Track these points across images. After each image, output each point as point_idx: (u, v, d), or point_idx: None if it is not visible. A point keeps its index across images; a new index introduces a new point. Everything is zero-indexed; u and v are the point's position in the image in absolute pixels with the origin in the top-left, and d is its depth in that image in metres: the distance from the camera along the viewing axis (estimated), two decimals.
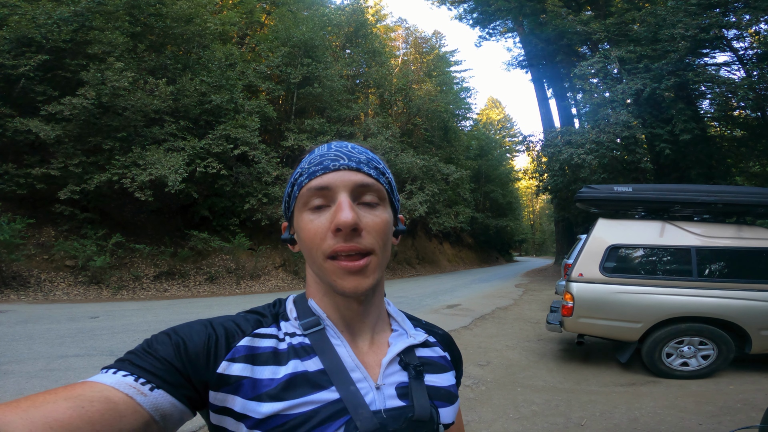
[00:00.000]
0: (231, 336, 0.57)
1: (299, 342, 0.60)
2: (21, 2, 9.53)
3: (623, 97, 12.53)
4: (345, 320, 0.64)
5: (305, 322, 0.62)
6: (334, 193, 0.59)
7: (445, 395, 0.66)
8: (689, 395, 3.96)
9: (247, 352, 0.57)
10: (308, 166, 0.62)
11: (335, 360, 0.59)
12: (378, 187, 0.62)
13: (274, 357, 0.58)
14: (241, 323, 0.60)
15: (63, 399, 0.43)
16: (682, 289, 4.40)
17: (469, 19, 24.77)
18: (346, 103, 18.02)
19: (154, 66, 11.87)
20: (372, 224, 0.59)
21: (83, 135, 9.93)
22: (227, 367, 0.54)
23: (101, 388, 0.46)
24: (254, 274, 12.78)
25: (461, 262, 29.64)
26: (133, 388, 0.47)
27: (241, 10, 16.97)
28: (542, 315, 8.38)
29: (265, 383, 0.55)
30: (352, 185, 0.59)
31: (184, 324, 0.57)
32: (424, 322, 0.77)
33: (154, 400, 0.48)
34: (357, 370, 0.60)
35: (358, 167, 0.60)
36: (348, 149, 0.63)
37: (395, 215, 0.68)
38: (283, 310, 0.65)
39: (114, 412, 0.44)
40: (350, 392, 0.56)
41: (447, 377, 0.69)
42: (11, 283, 8.54)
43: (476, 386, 4.26)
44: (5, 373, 3.92)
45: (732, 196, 4.57)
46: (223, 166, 11.81)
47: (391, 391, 0.60)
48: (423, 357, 0.68)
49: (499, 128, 49.74)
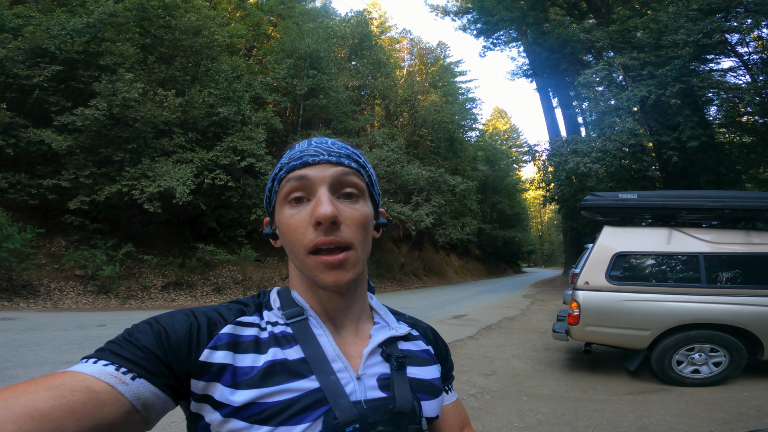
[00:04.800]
0: (213, 324, 0.57)
1: (281, 331, 0.60)
2: (36, 13, 9.80)
3: (629, 104, 12.48)
4: (328, 312, 0.64)
5: (288, 312, 0.62)
6: (314, 186, 0.59)
7: (428, 388, 0.65)
8: (701, 403, 3.87)
9: (229, 339, 0.57)
10: (288, 161, 0.62)
11: (317, 349, 0.59)
12: (357, 179, 0.62)
13: (255, 345, 0.58)
14: (224, 312, 0.60)
15: (44, 389, 0.43)
16: (691, 296, 4.33)
17: (473, 30, 24.93)
18: (351, 115, 18.17)
19: (164, 78, 12.10)
20: (351, 217, 0.59)
21: (94, 146, 10.11)
22: (210, 354, 0.54)
23: (82, 378, 0.45)
24: (261, 285, 12.79)
25: (468, 274, 29.43)
26: (114, 377, 0.47)
27: (248, 22, 17.32)
28: (550, 325, 8.26)
29: (245, 371, 0.54)
30: (331, 178, 0.60)
31: (166, 313, 0.57)
32: (407, 316, 0.77)
33: (136, 389, 0.47)
34: (338, 360, 0.59)
35: (338, 160, 0.61)
36: (328, 145, 0.63)
37: (376, 209, 0.68)
38: (267, 300, 0.66)
39: (95, 401, 0.44)
40: (330, 382, 0.56)
41: (430, 370, 0.68)
42: (21, 291, 8.64)
43: (481, 395, 4.20)
44: (10, 378, 3.95)
45: (740, 201, 4.52)
46: (230, 178, 11.91)
47: (372, 382, 0.60)
48: (405, 350, 0.67)
49: (506, 138, 49.77)
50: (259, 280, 12.78)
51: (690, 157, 12.84)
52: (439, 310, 10.57)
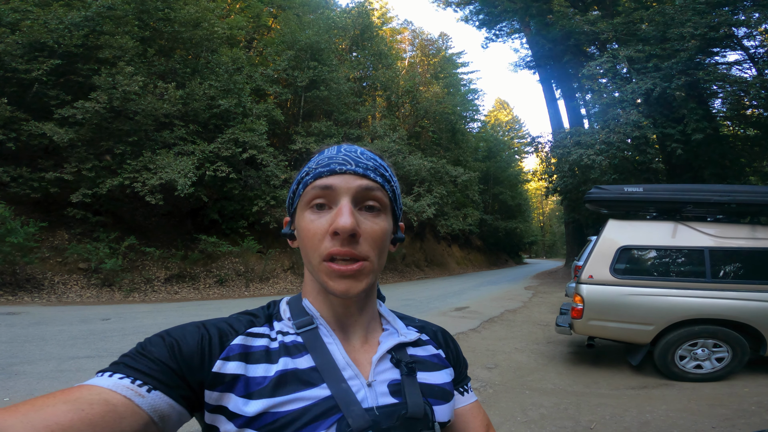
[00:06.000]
0: (224, 335, 0.58)
1: (292, 340, 0.61)
2: (33, 7, 9.70)
3: (633, 96, 12.38)
4: (338, 319, 0.65)
5: (298, 322, 0.62)
6: (337, 196, 0.59)
7: (440, 393, 0.66)
8: (703, 398, 3.88)
9: (241, 350, 0.57)
10: (315, 166, 0.62)
11: (327, 358, 0.59)
12: (381, 194, 0.62)
13: (266, 355, 0.58)
14: (234, 323, 0.61)
15: (62, 402, 0.43)
16: (696, 291, 4.31)
17: (475, 21, 24.71)
18: (353, 106, 18.08)
19: (164, 70, 12.02)
20: (370, 231, 0.59)
21: (96, 139, 10.09)
22: (222, 365, 0.55)
23: (99, 391, 0.46)
24: (263, 276, 12.84)
25: (470, 265, 29.49)
26: (130, 390, 0.47)
27: (248, 14, 17.15)
28: (552, 318, 8.29)
29: (258, 381, 0.55)
30: (355, 190, 0.60)
31: (177, 326, 0.57)
32: (417, 320, 0.77)
33: (152, 402, 0.48)
34: (348, 368, 0.60)
35: (364, 173, 0.61)
36: (357, 154, 0.63)
37: (395, 223, 0.68)
38: (276, 311, 0.66)
39: (114, 414, 0.44)
40: (341, 389, 0.56)
41: (441, 375, 0.68)
42: (25, 285, 8.68)
43: (484, 389, 4.23)
44: (17, 374, 3.97)
45: (746, 195, 4.48)
46: (231, 170, 11.92)
47: (383, 389, 0.60)
48: (415, 356, 0.68)
49: (508, 129, 49.55)
50: (261, 271, 12.82)
51: (694, 149, 12.76)
52: (441, 302, 10.60)
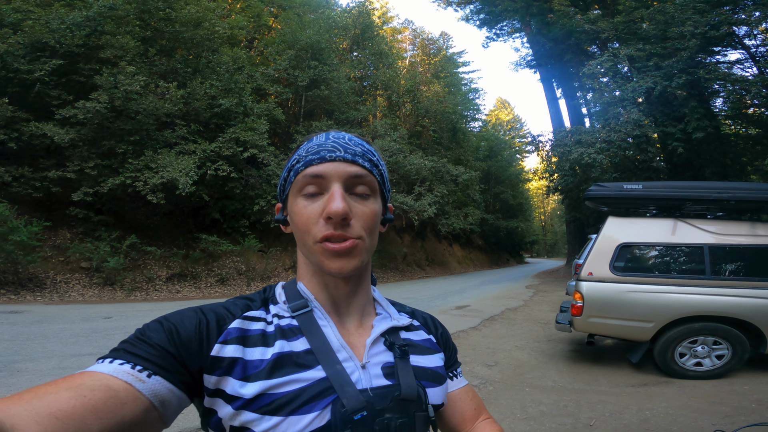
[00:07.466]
0: (222, 319, 0.59)
1: (287, 324, 0.62)
2: (34, 7, 9.73)
3: (634, 95, 12.39)
4: (333, 301, 0.66)
5: (293, 305, 0.64)
6: (328, 182, 0.61)
7: (432, 376, 0.67)
8: (703, 395, 3.88)
9: (239, 333, 0.59)
10: (305, 153, 0.63)
11: (322, 340, 0.61)
12: (370, 179, 0.64)
13: (262, 339, 0.59)
14: (231, 307, 0.62)
15: (65, 389, 0.44)
16: (695, 288, 4.31)
17: (476, 20, 24.66)
18: (354, 105, 18.09)
19: (165, 70, 12.05)
20: (361, 214, 0.62)
21: (97, 138, 10.12)
22: (220, 349, 0.56)
23: (100, 377, 0.47)
24: (264, 275, 12.86)
25: (471, 264, 29.48)
26: (131, 375, 0.48)
27: (248, 14, 17.16)
28: (553, 316, 8.29)
29: (255, 364, 0.56)
30: (345, 176, 0.61)
31: (174, 312, 0.59)
32: (408, 307, 0.79)
33: (153, 387, 0.49)
34: (343, 350, 0.61)
35: (353, 159, 0.62)
36: (345, 140, 0.65)
37: (384, 205, 0.70)
38: (272, 295, 0.68)
39: (115, 399, 0.45)
40: (336, 371, 0.58)
41: (433, 359, 0.70)
42: (28, 284, 8.72)
43: (484, 386, 4.23)
44: (19, 371, 3.99)
45: (745, 192, 4.48)
46: (233, 169, 11.94)
47: (377, 371, 0.62)
48: (408, 339, 0.70)
49: (509, 129, 49.47)
50: (262, 270, 12.84)
51: (695, 148, 12.77)
52: (441, 301, 10.61)
